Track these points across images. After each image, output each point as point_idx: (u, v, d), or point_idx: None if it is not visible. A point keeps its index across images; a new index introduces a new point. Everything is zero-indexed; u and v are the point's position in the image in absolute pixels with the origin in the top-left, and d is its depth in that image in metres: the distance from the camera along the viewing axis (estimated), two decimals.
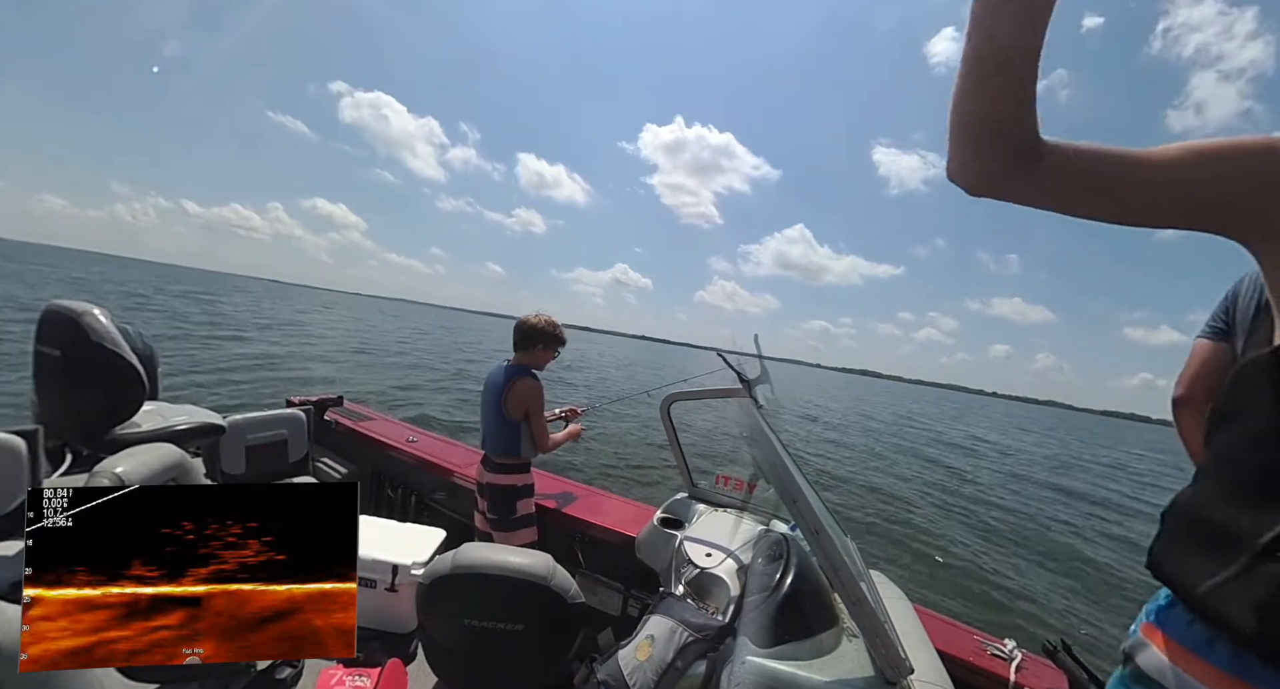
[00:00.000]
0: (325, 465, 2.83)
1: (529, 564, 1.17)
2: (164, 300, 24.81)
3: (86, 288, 26.15)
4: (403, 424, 3.14)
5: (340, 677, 1.40)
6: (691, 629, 1.24)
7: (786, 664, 0.96)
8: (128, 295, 24.29)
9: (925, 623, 1.30)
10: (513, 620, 1.17)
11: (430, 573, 1.18)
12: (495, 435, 2.03)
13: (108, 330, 1.76)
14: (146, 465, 1.38)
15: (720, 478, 2.07)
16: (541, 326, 2.05)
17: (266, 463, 2.34)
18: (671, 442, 2.15)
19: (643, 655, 1.23)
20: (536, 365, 2.08)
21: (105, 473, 1.28)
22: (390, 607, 1.70)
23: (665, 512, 1.94)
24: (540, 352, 2.08)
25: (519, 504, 2.03)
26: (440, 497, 2.65)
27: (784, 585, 1.12)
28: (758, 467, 1.37)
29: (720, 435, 10.07)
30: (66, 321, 1.72)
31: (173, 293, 31.46)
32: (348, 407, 3.24)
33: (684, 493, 2.08)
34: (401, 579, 1.67)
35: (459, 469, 2.50)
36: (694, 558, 1.55)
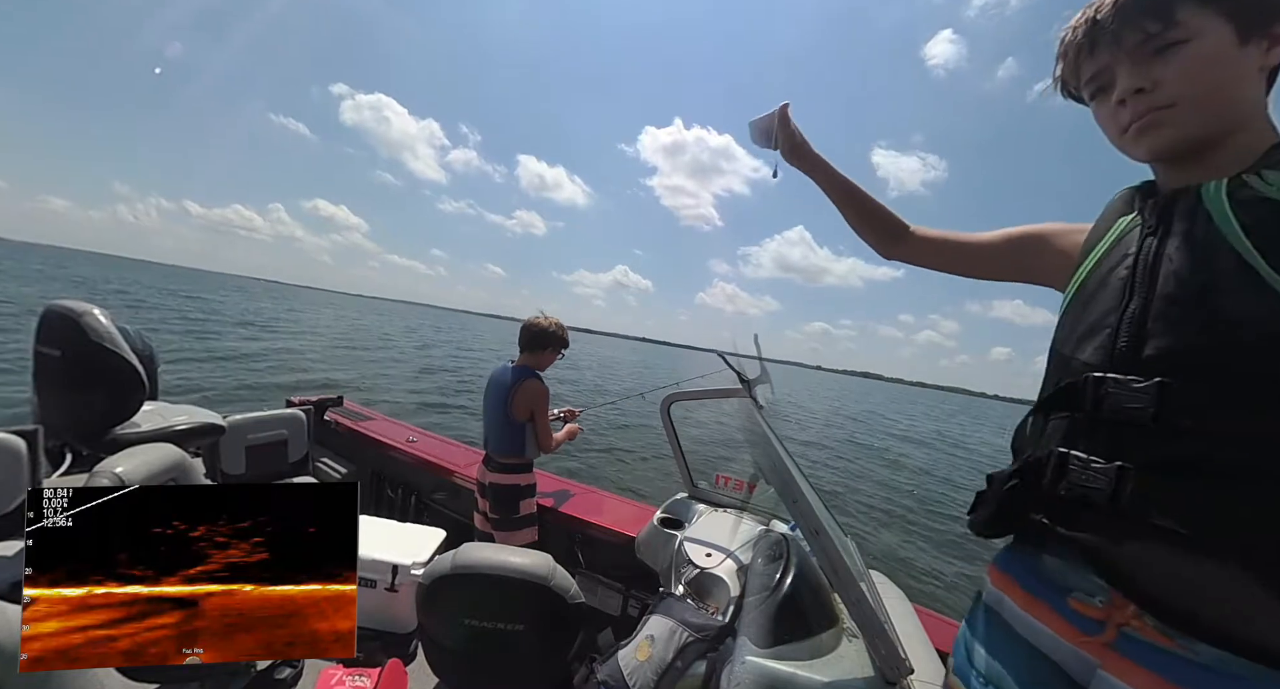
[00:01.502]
0: (325, 465, 2.83)
1: (529, 564, 1.17)
2: (158, 299, 24.87)
3: (86, 287, 26.17)
4: (403, 424, 3.14)
5: (340, 677, 1.40)
6: (691, 629, 1.24)
7: (786, 664, 0.96)
8: (115, 292, 24.39)
9: (925, 623, 1.30)
10: (513, 620, 1.17)
11: (430, 573, 1.18)
12: (499, 435, 2.04)
13: (108, 330, 1.76)
14: (146, 465, 1.38)
15: (720, 478, 2.07)
16: (551, 330, 2.06)
17: (266, 463, 2.34)
18: (671, 442, 2.15)
19: (643, 655, 1.23)
20: (541, 367, 2.09)
21: (105, 473, 1.28)
22: (390, 607, 1.70)
23: (665, 512, 1.93)
24: (547, 354, 2.09)
25: (521, 504, 2.03)
26: (440, 497, 2.65)
27: (784, 585, 1.12)
28: (758, 467, 1.37)
29: (720, 436, 10.09)
30: (66, 322, 1.72)
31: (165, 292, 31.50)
32: (347, 406, 3.24)
33: (684, 493, 2.08)
34: (401, 579, 1.67)
35: (459, 469, 2.50)
36: (694, 558, 1.55)
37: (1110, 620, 0.50)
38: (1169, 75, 0.52)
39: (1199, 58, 0.51)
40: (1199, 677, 0.44)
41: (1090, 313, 0.57)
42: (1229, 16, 0.50)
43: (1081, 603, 0.53)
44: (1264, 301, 0.43)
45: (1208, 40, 0.50)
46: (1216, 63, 0.51)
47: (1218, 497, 0.44)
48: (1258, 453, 0.43)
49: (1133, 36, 0.54)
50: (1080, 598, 0.53)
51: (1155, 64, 0.53)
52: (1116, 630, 0.49)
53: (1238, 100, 0.52)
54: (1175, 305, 0.49)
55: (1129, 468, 0.49)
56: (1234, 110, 0.52)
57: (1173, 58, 0.52)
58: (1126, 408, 0.50)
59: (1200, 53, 0.51)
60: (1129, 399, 0.50)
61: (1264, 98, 0.53)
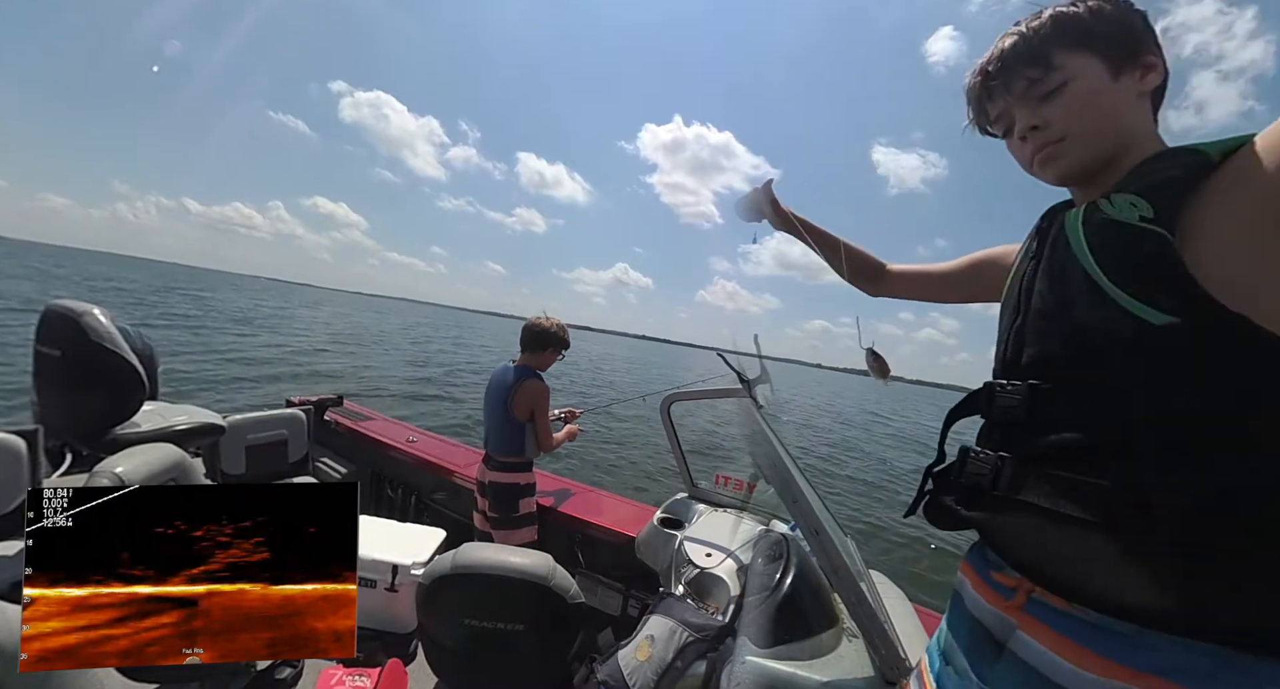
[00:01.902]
0: (325, 465, 2.83)
1: (529, 564, 1.17)
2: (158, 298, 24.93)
3: (85, 286, 26.19)
4: (403, 424, 3.14)
5: (340, 677, 1.40)
6: (691, 629, 1.24)
7: (786, 664, 0.96)
8: (105, 289, 24.48)
9: (925, 623, 1.30)
10: (513, 620, 1.17)
11: (430, 573, 1.18)
12: (500, 434, 2.04)
13: (108, 330, 1.76)
14: (146, 465, 1.38)
15: (720, 478, 2.07)
16: (554, 331, 2.08)
17: (266, 463, 2.34)
18: (671, 442, 2.15)
19: (643, 655, 1.23)
20: (542, 367, 2.10)
21: (105, 473, 1.28)
22: (390, 607, 1.70)
23: (665, 511, 1.93)
24: (548, 354, 2.10)
25: (521, 503, 2.03)
26: (440, 497, 2.65)
27: (784, 585, 1.12)
28: (758, 467, 1.37)
29: (720, 437, 10.10)
30: (66, 322, 1.72)
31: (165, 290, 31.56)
32: (347, 406, 3.24)
33: (684, 493, 2.08)
34: (401, 579, 1.67)
35: (459, 469, 2.50)
36: (694, 558, 1.55)
37: (1020, 588, 0.57)
38: (1056, 114, 0.58)
39: (1079, 96, 0.57)
40: (1094, 636, 0.49)
41: (999, 329, 0.68)
42: (1100, 55, 0.56)
43: (1001, 574, 0.60)
44: (1108, 312, 0.49)
45: (1084, 80, 0.57)
46: (1095, 98, 0.57)
47: (1077, 477, 0.51)
48: (1108, 438, 0.49)
49: (1019, 84, 0.60)
50: (1001, 570, 0.60)
51: (1043, 105, 0.59)
52: (1026, 596, 0.56)
53: (1121, 127, 0.57)
54: (1042, 319, 0.58)
55: (1007, 456, 0.58)
56: (1120, 137, 0.57)
57: (1057, 98, 0.58)
58: (1008, 407, 0.59)
59: (1079, 91, 0.57)
60: (1009, 400, 0.59)
61: (1149, 119, 0.59)
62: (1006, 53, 0.61)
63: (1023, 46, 0.60)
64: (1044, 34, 0.58)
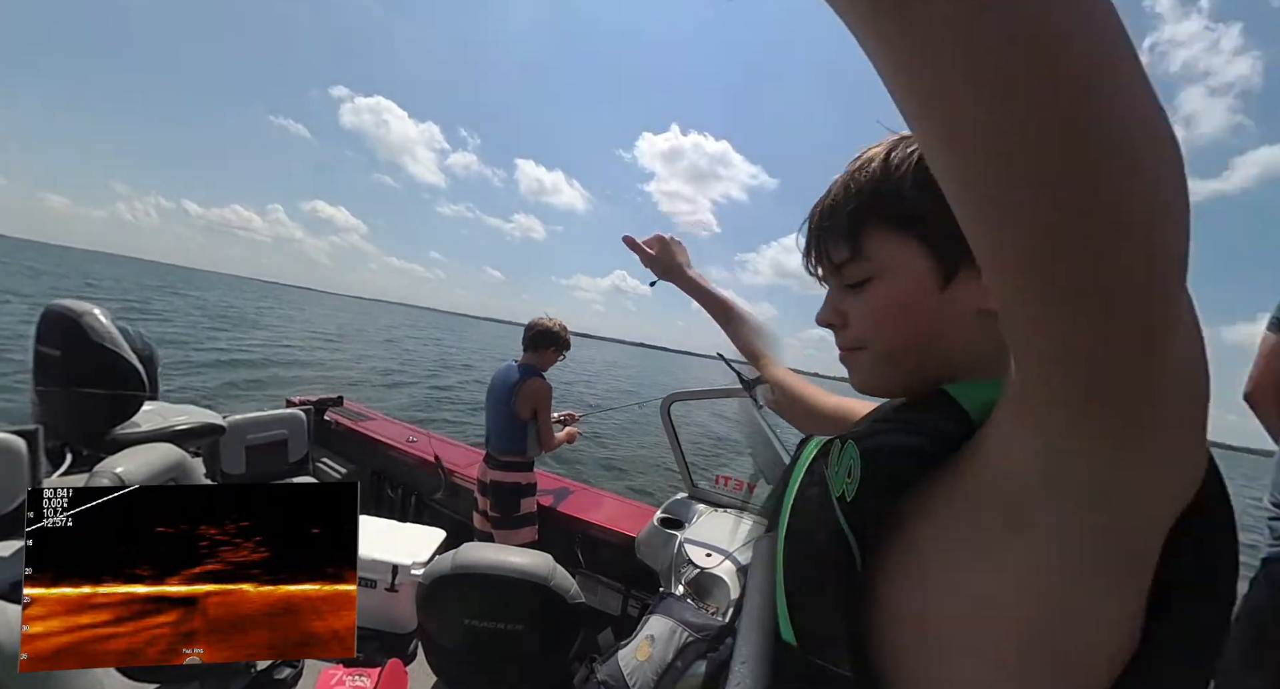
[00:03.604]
0: (325, 465, 2.83)
1: (529, 564, 1.17)
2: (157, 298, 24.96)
3: (86, 286, 26.19)
4: (403, 424, 3.14)
5: (340, 677, 1.40)
6: (691, 629, 1.24)
7: None
8: (94, 287, 24.50)
9: None
10: (513, 620, 1.17)
11: (430, 573, 1.18)
12: (502, 433, 2.05)
13: (108, 330, 1.76)
14: (147, 465, 1.38)
15: (720, 478, 2.07)
16: (555, 330, 2.09)
17: (266, 463, 2.34)
18: (671, 442, 2.15)
19: (643, 655, 1.23)
20: (543, 366, 2.11)
21: (105, 473, 1.28)
22: (390, 607, 1.70)
23: (665, 512, 1.93)
24: (550, 353, 2.11)
25: (522, 502, 2.04)
26: (440, 497, 2.65)
27: None
28: (758, 467, 1.37)
29: (719, 438, 10.09)
30: (67, 322, 1.72)
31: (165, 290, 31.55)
32: (347, 406, 3.24)
33: (684, 493, 2.08)
34: (401, 579, 1.67)
35: (459, 469, 2.50)
36: (694, 558, 1.55)
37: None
38: (855, 313, 0.42)
39: (886, 298, 0.40)
40: None
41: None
42: (928, 247, 0.37)
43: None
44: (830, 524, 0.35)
45: (897, 279, 0.39)
46: (904, 311, 0.39)
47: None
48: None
49: (825, 262, 0.44)
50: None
51: (848, 295, 0.43)
52: None
53: (941, 354, 0.39)
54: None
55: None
56: (943, 366, 0.39)
57: (860, 293, 0.41)
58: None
59: (887, 294, 0.39)
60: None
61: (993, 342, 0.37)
62: (824, 213, 0.43)
63: (829, 214, 0.42)
64: (862, 200, 0.39)
